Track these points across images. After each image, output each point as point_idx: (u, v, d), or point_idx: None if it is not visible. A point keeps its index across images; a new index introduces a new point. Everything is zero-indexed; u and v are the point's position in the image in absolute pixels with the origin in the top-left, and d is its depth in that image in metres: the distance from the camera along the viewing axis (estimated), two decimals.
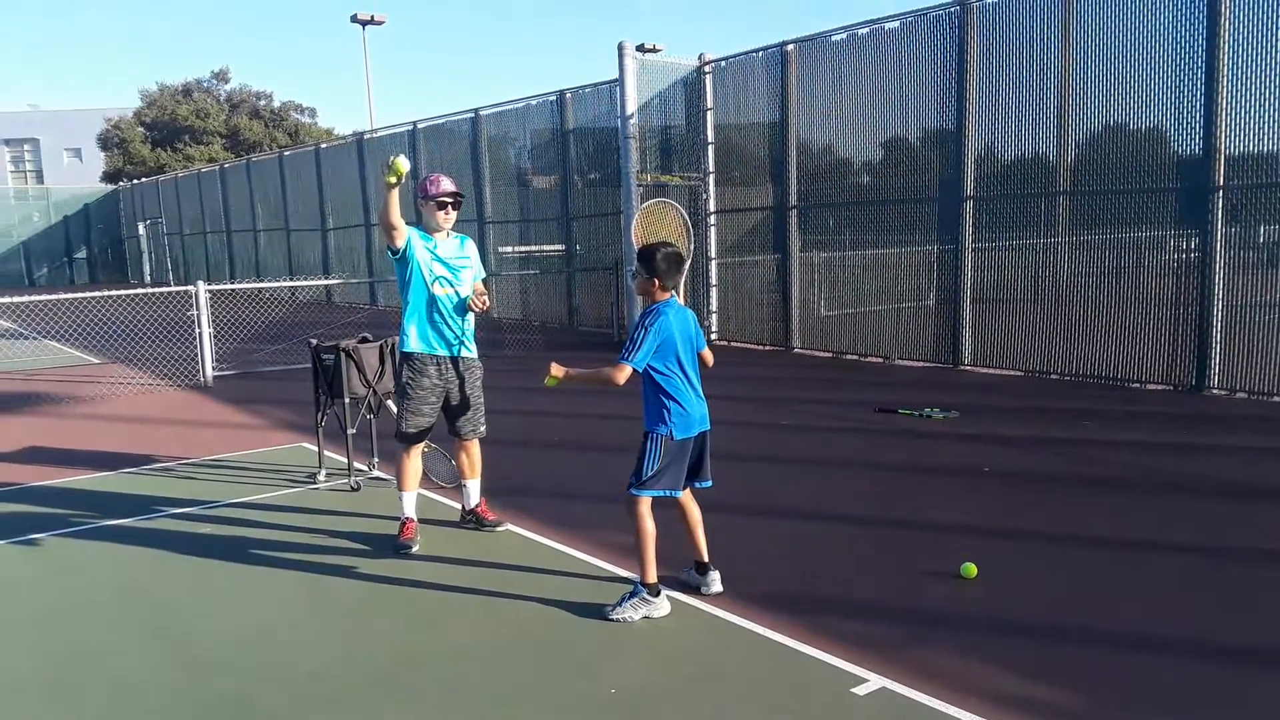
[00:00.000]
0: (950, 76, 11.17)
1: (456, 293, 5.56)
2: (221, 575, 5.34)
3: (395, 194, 5.21)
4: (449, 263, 5.56)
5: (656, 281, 4.53)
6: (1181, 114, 9.39)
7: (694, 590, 4.79)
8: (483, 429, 5.81)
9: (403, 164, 4.98)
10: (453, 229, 5.66)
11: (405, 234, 5.42)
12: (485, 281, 5.83)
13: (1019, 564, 5.14)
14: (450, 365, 5.60)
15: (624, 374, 4.43)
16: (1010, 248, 11.05)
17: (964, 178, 11.14)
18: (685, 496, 4.73)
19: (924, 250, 11.88)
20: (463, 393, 5.65)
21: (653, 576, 4.55)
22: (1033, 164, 10.75)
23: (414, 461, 5.68)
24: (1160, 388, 9.75)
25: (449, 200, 5.53)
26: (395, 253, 5.49)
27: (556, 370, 4.55)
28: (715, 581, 4.79)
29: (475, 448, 5.84)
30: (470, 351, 5.69)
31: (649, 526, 4.55)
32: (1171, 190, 9.64)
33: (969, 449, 7.60)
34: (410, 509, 5.68)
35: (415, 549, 5.54)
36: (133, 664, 4.28)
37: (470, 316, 5.65)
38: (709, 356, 4.76)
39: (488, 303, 5.62)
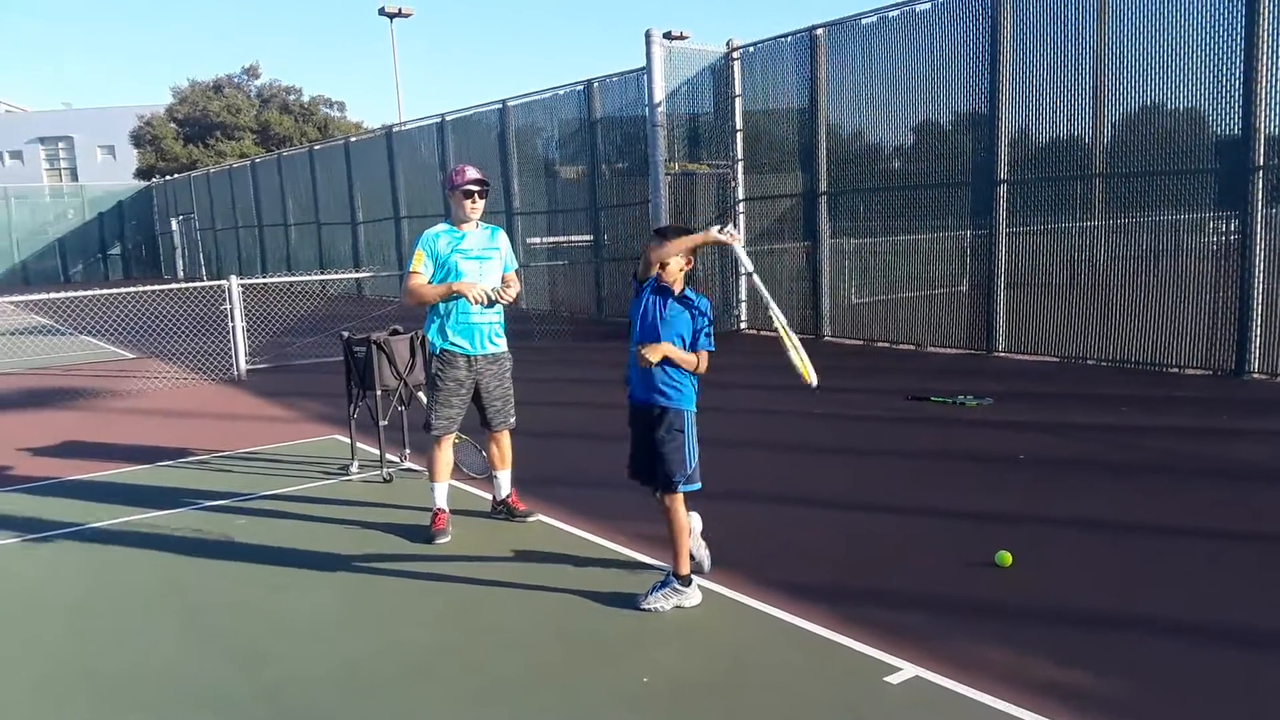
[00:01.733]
0: (983, 58, 10.99)
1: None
2: (256, 566, 5.39)
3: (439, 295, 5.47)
4: (476, 255, 5.56)
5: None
6: (1219, 93, 9.18)
7: (708, 576, 4.77)
8: (512, 420, 5.81)
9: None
10: (481, 220, 5.65)
11: (427, 276, 5.51)
12: (516, 272, 5.82)
13: (1054, 552, 5.07)
14: (479, 358, 5.60)
15: (706, 362, 4.55)
16: (1045, 232, 10.87)
17: (997, 161, 10.97)
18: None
19: (957, 235, 11.74)
20: (492, 385, 5.65)
21: (686, 568, 4.54)
22: (1068, 146, 10.57)
23: (445, 453, 5.69)
24: (1199, 373, 9.58)
25: (475, 189, 5.51)
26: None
27: (654, 355, 4.39)
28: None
29: (505, 439, 5.85)
30: (499, 344, 5.69)
31: (686, 520, 4.56)
32: (1210, 171, 9.44)
33: (1003, 436, 7.51)
34: (442, 500, 5.69)
35: (447, 540, 5.56)
36: (170, 655, 4.33)
37: (499, 308, 5.64)
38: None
39: (511, 294, 5.61)
